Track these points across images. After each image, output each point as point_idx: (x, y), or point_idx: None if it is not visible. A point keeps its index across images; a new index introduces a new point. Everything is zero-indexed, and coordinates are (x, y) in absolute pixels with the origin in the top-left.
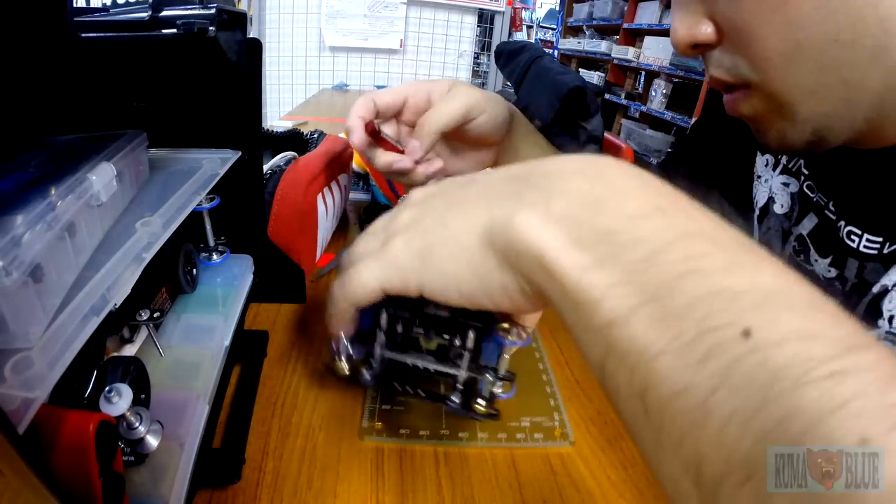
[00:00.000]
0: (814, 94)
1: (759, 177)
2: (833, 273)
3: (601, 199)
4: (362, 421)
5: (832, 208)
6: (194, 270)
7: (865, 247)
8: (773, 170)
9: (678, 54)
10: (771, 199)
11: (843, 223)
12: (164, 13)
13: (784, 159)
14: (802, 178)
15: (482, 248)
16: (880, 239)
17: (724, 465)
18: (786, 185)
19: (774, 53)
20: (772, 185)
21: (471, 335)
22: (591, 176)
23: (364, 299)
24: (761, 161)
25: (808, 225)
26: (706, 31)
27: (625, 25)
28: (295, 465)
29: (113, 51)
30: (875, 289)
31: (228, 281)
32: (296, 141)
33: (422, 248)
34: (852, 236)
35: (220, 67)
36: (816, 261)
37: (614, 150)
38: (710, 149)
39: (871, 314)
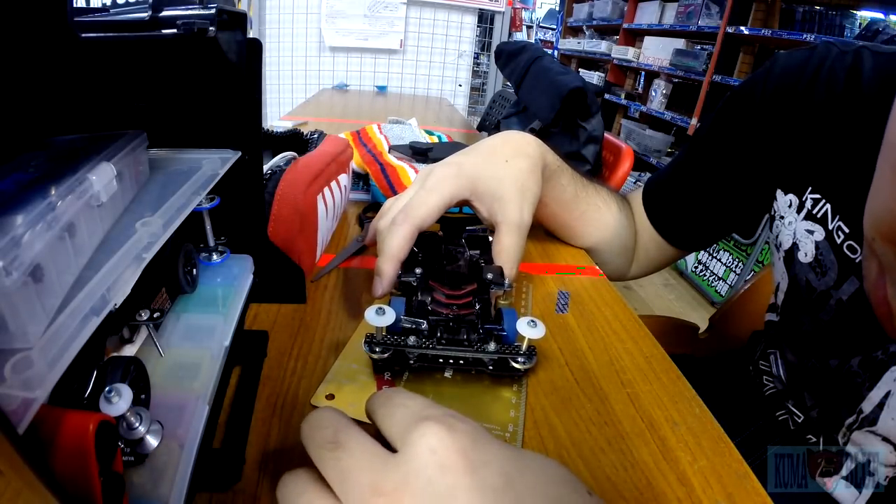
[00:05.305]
0: None
1: (781, 217)
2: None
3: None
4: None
5: None
6: (194, 270)
7: None
8: (798, 212)
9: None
10: (795, 246)
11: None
12: (164, 13)
13: (809, 204)
14: (842, 236)
15: None
16: None
17: None
18: (810, 231)
19: None
20: (796, 230)
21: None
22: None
23: None
24: (784, 200)
25: (848, 289)
26: None
27: (625, 25)
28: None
29: (113, 51)
30: None
31: (228, 281)
32: (296, 141)
33: None
34: None
35: (220, 67)
36: (855, 331)
37: (614, 150)
38: (715, 163)
39: None
